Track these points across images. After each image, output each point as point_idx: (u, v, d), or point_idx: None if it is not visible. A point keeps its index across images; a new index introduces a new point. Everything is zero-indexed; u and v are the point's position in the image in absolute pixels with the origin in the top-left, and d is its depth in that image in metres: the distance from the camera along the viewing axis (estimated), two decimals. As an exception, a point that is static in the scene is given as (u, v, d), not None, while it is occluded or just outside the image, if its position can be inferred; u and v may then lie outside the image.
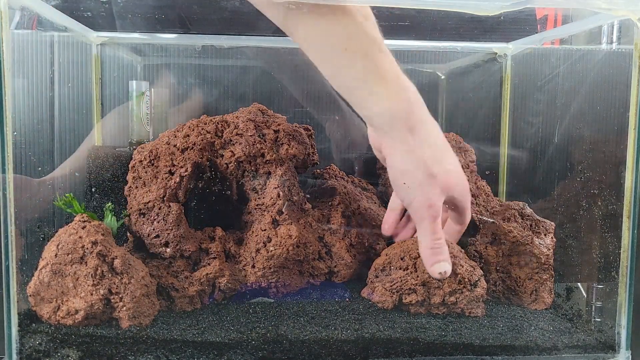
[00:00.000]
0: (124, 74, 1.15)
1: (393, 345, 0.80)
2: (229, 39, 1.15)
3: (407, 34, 1.19)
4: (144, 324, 0.81)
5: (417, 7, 1.13)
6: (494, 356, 0.80)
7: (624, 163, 0.83)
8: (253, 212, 0.96)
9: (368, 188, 1.12)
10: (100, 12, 1.11)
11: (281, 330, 0.82)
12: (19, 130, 1.08)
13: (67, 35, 1.11)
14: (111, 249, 0.82)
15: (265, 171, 0.96)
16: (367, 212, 1.04)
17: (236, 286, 0.92)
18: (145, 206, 0.91)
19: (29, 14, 1.05)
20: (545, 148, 1.22)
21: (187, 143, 0.93)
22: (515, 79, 1.21)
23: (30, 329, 0.79)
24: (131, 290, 0.80)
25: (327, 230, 0.99)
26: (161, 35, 1.15)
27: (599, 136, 1.20)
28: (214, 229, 0.96)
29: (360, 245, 1.01)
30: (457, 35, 1.20)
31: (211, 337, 0.79)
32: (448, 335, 0.82)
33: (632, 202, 0.82)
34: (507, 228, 1.01)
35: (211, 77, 1.17)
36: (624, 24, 1.17)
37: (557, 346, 0.82)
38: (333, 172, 1.11)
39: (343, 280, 0.98)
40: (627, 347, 0.83)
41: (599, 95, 1.20)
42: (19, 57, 1.10)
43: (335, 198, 1.03)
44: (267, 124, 0.98)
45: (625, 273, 0.84)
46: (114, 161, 1.03)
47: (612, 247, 0.94)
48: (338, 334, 0.81)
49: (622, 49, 1.19)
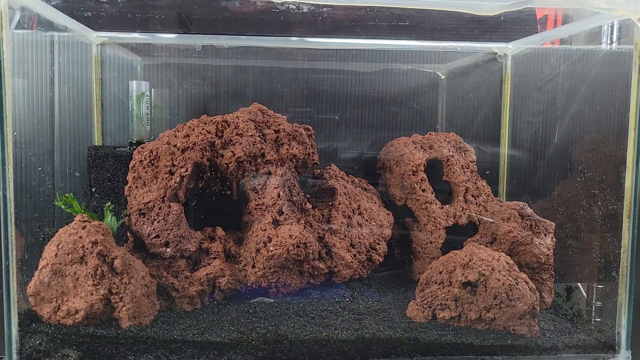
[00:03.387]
0: (124, 74, 1.15)
1: (393, 345, 0.80)
2: (229, 38, 1.15)
3: (407, 34, 1.19)
4: (144, 324, 0.81)
5: (417, 7, 1.13)
6: (494, 356, 0.80)
7: (624, 163, 0.83)
8: (253, 212, 0.96)
9: (368, 188, 1.12)
10: (100, 12, 1.11)
11: (281, 330, 0.82)
12: (19, 130, 1.08)
13: (67, 35, 1.11)
14: (111, 249, 0.82)
15: (265, 171, 0.96)
16: (367, 212, 1.04)
17: (236, 286, 0.92)
18: (146, 206, 0.91)
19: (28, 13, 1.05)
20: (545, 148, 1.22)
21: (187, 143, 0.93)
22: (515, 79, 1.21)
23: (31, 329, 0.79)
24: (131, 290, 0.80)
25: (327, 230, 0.99)
26: (161, 35, 1.15)
27: (599, 136, 1.20)
28: (214, 229, 0.96)
29: (361, 246, 1.01)
30: (457, 35, 1.20)
31: (211, 337, 0.79)
32: (448, 335, 0.82)
33: (632, 202, 0.82)
34: (507, 228, 1.01)
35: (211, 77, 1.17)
36: (624, 24, 1.17)
37: (557, 346, 0.82)
38: (333, 172, 1.10)
39: (343, 280, 0.98)
40: (627, 347, 0.83)
41: (599, 95, 1.20)
42: (19, 57, 1.10)
43: (336, 198, 1.03)
44: (267, 124, 0.98)
45: (625, 273, 0.84)
46: (113, 161, 1.03)
47: (612, 247, 0.94)
48: (338, 333, 0.81)
49: (622, 49, 1.19)
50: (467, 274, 0.85)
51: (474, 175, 1.11)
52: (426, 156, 1.09)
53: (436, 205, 1.06)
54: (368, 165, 1.18)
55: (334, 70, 1.20)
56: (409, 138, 1.12)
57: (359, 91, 1.21)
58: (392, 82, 1.21)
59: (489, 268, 0.85)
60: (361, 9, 1.17)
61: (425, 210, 1.06)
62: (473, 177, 1.10)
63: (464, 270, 0.86)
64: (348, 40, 1.19)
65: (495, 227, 1.03)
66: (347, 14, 1.16)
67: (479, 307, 0.84)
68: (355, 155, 1.21)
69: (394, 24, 1.17)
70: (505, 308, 0.83)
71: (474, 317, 0.84)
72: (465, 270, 0.86)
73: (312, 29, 1.16)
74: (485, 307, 0.84)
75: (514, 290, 0.83)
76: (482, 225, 1.06)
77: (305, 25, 1.16)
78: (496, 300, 0.83)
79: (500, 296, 0.83)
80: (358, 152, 1.21)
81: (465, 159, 1.11)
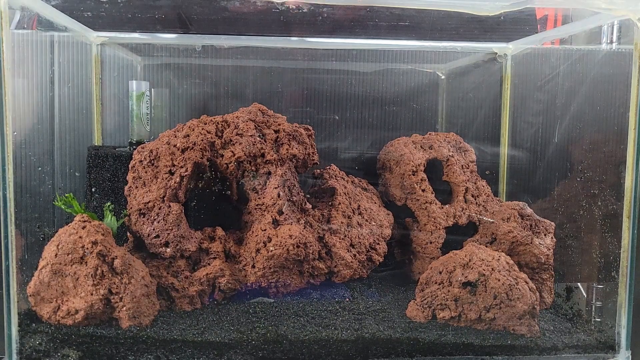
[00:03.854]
0: (124, 74, 1.15)
1: (393, 345, 0.80)
2: (229, 38, 1.15)
3: (407, 34, 1.19)
4: (144, 324, 0.81)
5: (417, 7, 1.13)
6: (494, 356, 0.80)
7: (624, 163, 0.83)
8: (253, 212, 0.96)
9: (368, 188, 1.12)
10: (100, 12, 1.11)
11: (281, 330, 0.82)
12: (19, 130, 1.08)
13: (67, 35, 1.11)
14: (111, 249, 0.82)
15: (265, 171, 0.96)
16: (367, 212, 1.04)
17: (236, 286, 0.92)
18: (145, 206, 0.91)
19: (28, 13, 1.05)
20: (545, 148, 1.22)
21: (187, 143, 0.93)
22: (515, 79, 1.21)
23: (30, 329, 0.79)
24: (131, 290, 0.80)
25: (327, 230, 0.99)
26: (161, 35, 1.15)
27: (599, 136, 1.20)
28: (214, 229, 0.96)
29: (361, 246, 1.01)
30: (457, 35, 1.20)
31: (211, 337, 0.79)
32: (448, 335, 0.82)
33: (632, 202, 0.82)
34: (507, 228, 1.01)
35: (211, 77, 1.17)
36: (624, 24, 1.17)
37: (557, 346, 0.82)
38: (333, 172, 1.10)
39: (343, 280, 0.98)
40: (627, 347, 0.83)
41: (599, 95, 1.20)
42: (19, 57, 1.10)
43: (336, 198, 1.03)
44: (267, 124, 0.98)
45: (625, 273, 0.84)
46: (113, 161, 1.03)
47: (612, 247, 0.94)
48: (338, 334, 0.81)
49: (622, 49, 1.19)
50: (467, 274, 0.85)
51: (474, 175, 1.11)
52: (426, 156, 1.09)
53: (436, 205, 1.06)
54: (368, 165, 1.18)
55: (334, 70, 1.20)
56: (409, 138, 1.12)
57: (359, 91, 1.21)
58: (392, 82, 1.21)
59: (488, 268, 0.85)
60: (361, 8, 1.17)
61: (425, 210, 1.06)
62: (473, 177, 1.10)
63: (463, 270, 0.86)
64: (348, 40, 1.19)
65: (495, 227, 1.03)
66: (347, 14, 1.16)
67: (479, 307, 0.84)
68: (355, 155, 1.21)
69: (394, 24, 1.17)
70: (505, 308, 0.83)
71: (473, 317, 0.84)
72: (465, 270, 0.86)
73: (312, 29, 1.16)
74: (485, 307, 0.84)
75: (514, 290, 0.83)
76: (482, 225, 1.06)
77: (305, 25, 1.16)
78: (496, 300, 0.83)
79: (500, 296, 0.83)
80: (358, 152, 1.21)
81: (465, 159, 1.11)
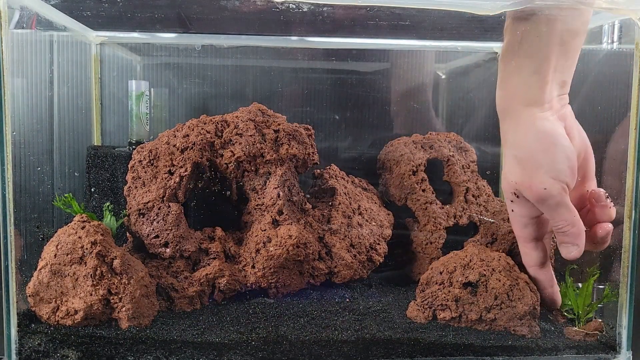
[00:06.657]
0: (124, 74, 1.15)
1: (393, 346, 0.80)
2: (229, 38, 1.15)
3: (408, 33, 1.19)
4: (143, 325, 0.81)
5: (417, 7, 1.13)
6: (495, 356, 0.80)
7: (624, 163, 0.83)
8: (253, 212, 0.96)
9: (368, 188, 1.12)
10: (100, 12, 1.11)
11: (281, 330, 0.82)
12: (18, 130, 1.08)
13: (66, 34, 1.10)
14: (110, 249, 0.82)
15: (265, 171, 0.96)
16: (368, 212, 1.04)
17: (236, 286, 0.92)
18: (145, 206, 0.91)
19: (28, 13, 1.05)
20: (546, 148, 1.22)
21: (186, 143, 0.93)
22: (515, 79, 1.21)
23: (30, 329, 0.78)
24: (130, 290, 0.80)
25: (327, 230, 0.99)
26: (161, 35, 1.15)
27: (599, 136, 1.20)
28: (214, 229, 0.96)
29: (361, 246, 1.00)
30: (458, 35, 1.20)
31: (211, 337, 0.79)
32: (449, 336, 0.82)
33: (632, 202, 0.82)
34: (508, 228, 1.00)
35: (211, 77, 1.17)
36: (625, 24, 1.17)
37: (558, 347, 0.82)
38: (333, 172, 1.10)
39: (343, 281, 0.97)
40: (628, 348, 0.83)
41: (599, 95, 1.20)
42: (18, 57, 1.09)
43: (336, 198, 1.03)
44: (267, 124, 0.98)
45: (626, 273, 0.83)
46: (113, 161, 1.03)
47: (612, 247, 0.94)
48: (338, 334, 0.81)
49: (623, 49, 1.18)
50: (467, 274, 0.85)
51: (475, 175, 1.11)
52: (426, 156, 1.09)
53: (436, 206, 1.06)
54: (368, 165, 1.18)
55: (334, 70, 1.20)
56: (409, 138, 1.12)
57: (359, 91, 1.20)
58: (392, 82, 1.21)
59: (489, 268, 0.85)
60: (361, 8, 1.17)
61: (426, 211, 1.05)
62: (474, 177, 1.10)
63: (464, 270, 0.86)
64: (348, 40, 1.19)
65: (496, 228, 1.02)
66: (347, 14, 1.16)
67: (480, 307, 0.84)
68: (355, 155, 1.21)
69: (394, 23, 1.17)
70: (506, 309, 0.83)
71: (474, 317, 0.84)
72: (466, 270, 0.86)
73: (312, 28, 1.16)
74: (485, 308, 0.84)
75: (515, 291, 0.83)
76: (482, 225, 1.05)
77: (305, 25, 1.15)
78: (497, 301, 0.83)
79: (500, 297, 0.83)
80: (358, 152, 1.21)
81: (465, 158, 1.11)
